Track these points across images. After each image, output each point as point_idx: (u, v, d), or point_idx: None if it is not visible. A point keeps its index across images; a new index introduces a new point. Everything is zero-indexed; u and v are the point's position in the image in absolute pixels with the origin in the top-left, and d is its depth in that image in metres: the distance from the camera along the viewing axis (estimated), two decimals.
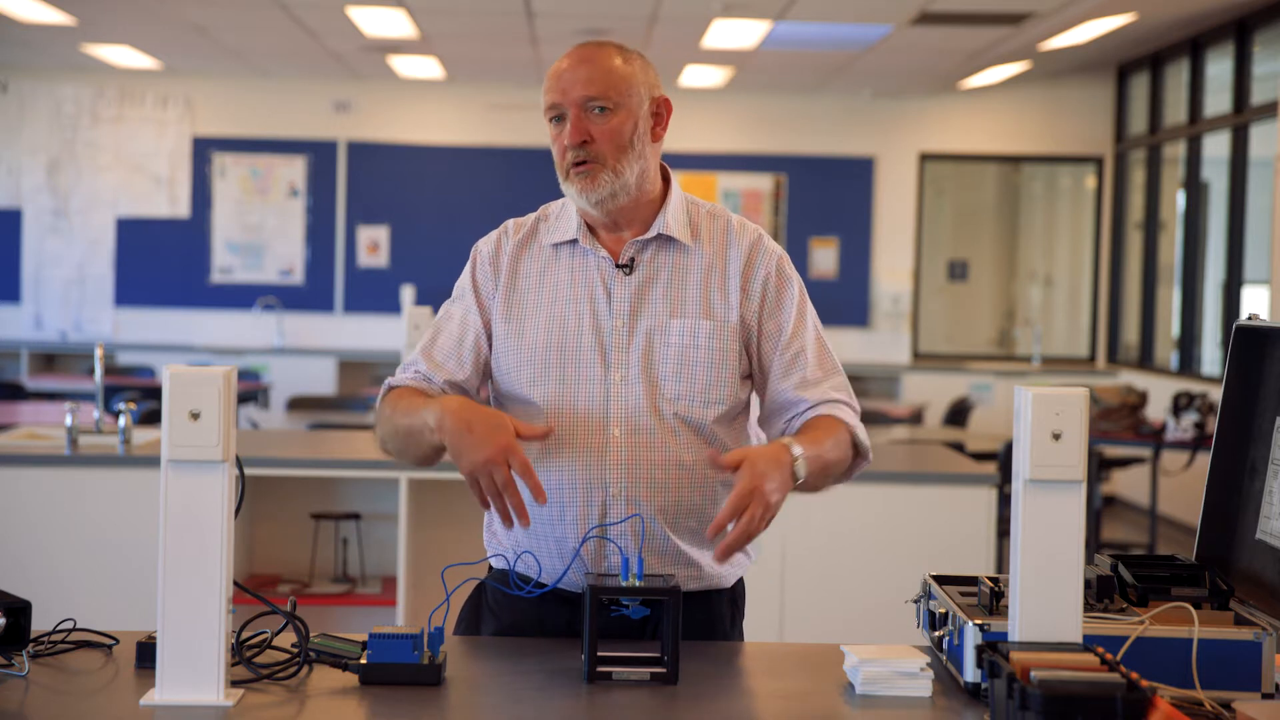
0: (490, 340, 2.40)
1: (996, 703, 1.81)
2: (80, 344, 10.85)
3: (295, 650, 2.08)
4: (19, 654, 2.06)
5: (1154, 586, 2.16)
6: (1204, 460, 4.35)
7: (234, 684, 1.99)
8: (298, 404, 7.85)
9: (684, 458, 2.33)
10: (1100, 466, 7.75)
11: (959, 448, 6.17)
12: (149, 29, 9.38)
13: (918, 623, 2.29)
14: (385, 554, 5.21)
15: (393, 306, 10.98)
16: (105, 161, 11.13)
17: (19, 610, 2.05)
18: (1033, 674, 1.76)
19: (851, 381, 2.44)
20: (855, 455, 2.36)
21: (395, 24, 8.81)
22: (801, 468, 2.19)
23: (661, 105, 2.38)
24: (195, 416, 1.91)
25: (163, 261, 11.16)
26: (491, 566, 2.44)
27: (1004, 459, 6.18)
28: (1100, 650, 1.87)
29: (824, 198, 11.28)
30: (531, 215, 2.46)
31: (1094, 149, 11.26)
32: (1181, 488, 8.30)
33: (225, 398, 1.92)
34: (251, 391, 8.99)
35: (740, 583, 2.47)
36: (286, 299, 11.18)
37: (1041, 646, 1.90)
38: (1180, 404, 7.24)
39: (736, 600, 2.45)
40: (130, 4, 8.53)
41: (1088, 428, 1.95)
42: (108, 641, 2.18)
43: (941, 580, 2.26)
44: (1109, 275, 11.23)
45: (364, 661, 2.04)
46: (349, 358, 10.80)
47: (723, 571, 2.40)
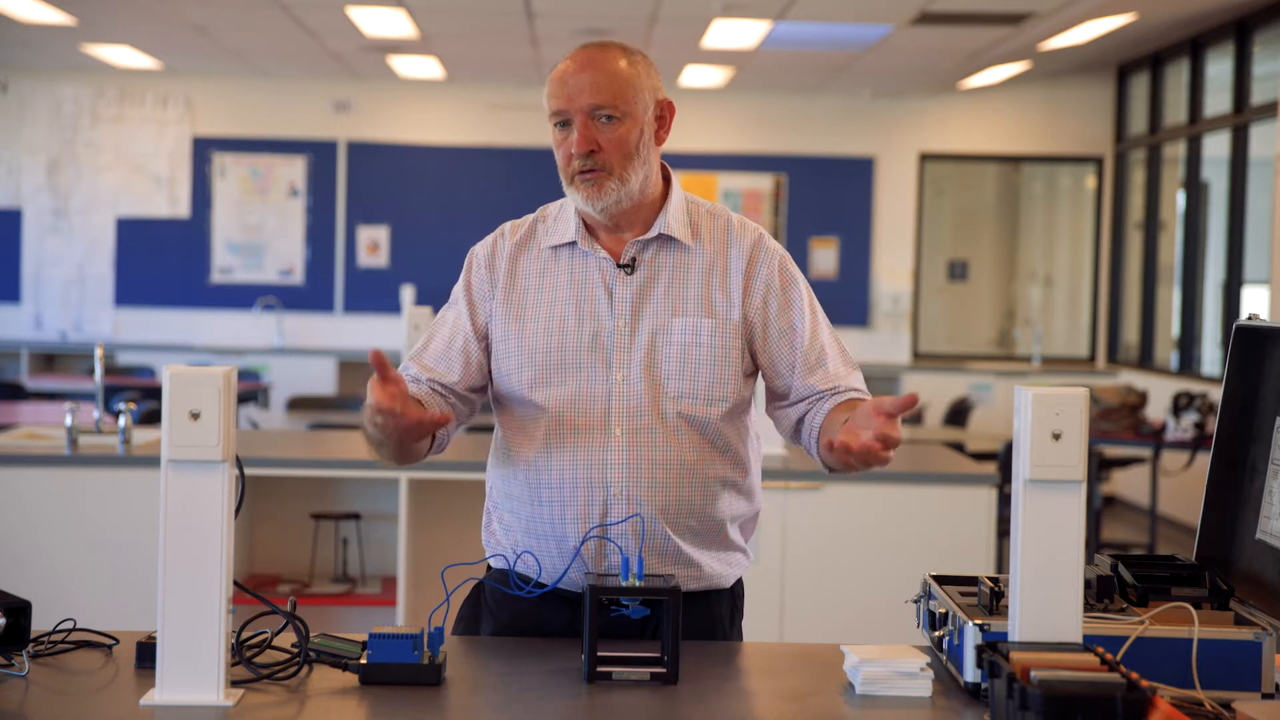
0: (484, 344, 2.40)
1: (996, 703, 1.81)
2: (80, 344, 10.85)
3: (295, 650, 2.08)
4: (19, 654, 2.06)
5: (1154, 586, 2.16)
6: (1204, 460, 4.35)
7: (234, 684, 1.99)
8: (298, 404, 7.85)
9: (685, 457, 2.33)
10: (1100, 466, 7.75)
11: (959, 448, 6.17)
12: (149, 29, 9.37)
13: (918, 623, 2.29)
14: (385, 554, 5.21)
15: (393, 306, 10.98)
16: (105, 161, 11.13)
17: (19, 610, 2.05)
18: (1033, 674, 1.76)
19: None
20: None
21: (395, 24, 8.81)
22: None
23: (665, 108, 2.38)
24: (195, 416, 1.91)
25: (163, 261, 11.16)
26: (490, 566, 2.44)
27: (1004, 459, 6.18)
28: (1100, 650, 1.87)
29: (824, 198, 11.28)
30: (529, 217, 2.46)
31: (1094, 149, 11.26)
32: (1181, 488, 8.30)
33: (225, 398, 1.92)
34: (251, 391, 8.99)
35: (739, 582, 2.47)
36: (286, 299, 11.18)
37: (1041, 646, 1.90)
38: (1180, 404, 7.24)
39: (736, 600, 2.46)
40: (130, 4, 8.53)
41: (1088, 428, 1.95)
42: (108, 641, 2.18)
43: (941, 580, 2.27)
44: (1109, 275, 11.23)
45: (364, 661, 2.04)
46: (349, 358, 10.79)
47: (722, 571, 2.40)
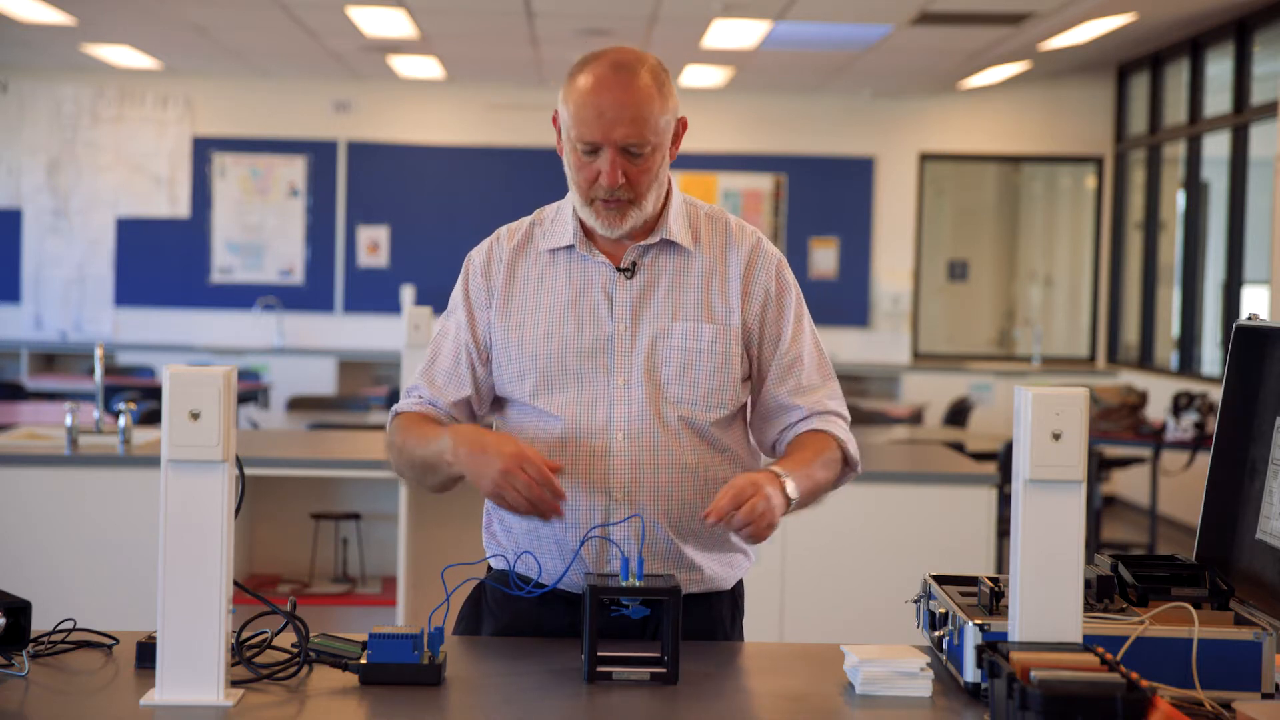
0: (484, 355, 2.39)
1: (996, 703, 1.81)
2: (80, 344, 10.85)
3: (295, 650, 2.08)
4: (19, 654, 2.06)
5: (1154, 586, 2.16)
6: (1204, 460, 4.35)
7: (234, 684, 1.99)
8: (298, 404, 7.86)
9: (687, 461, 2.33)
10: (1100, 466, 7.75)
11: (959, 448, 6.17)
12: (149, 29, 9.38)
13: (918, 623, 2.29)
14: (385, 554, 5.21)
15: (393, 306, 10.98)
16: (105, 161, 11.13)
17: (19, 610, 2.05)
18: (1033, 674, 1.76)
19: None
20: (844, 466, 2.40)
21: (395, 24, 8.81)
22: (793, 489, 2.22)
23: (681, 125, 2.37)
24: (195, 416, 1.91)
25: (163, 261, 11.16)
26: (490, 567, 2.44)
27: (1004, 459, 6.18)
28: (1100, 650, 1.87)
29: (824, 198, 11.28)
30: (525, 220, 2.44)
31: (1094, 149, 11.26)
32: (1181, 488, 8.30)
33: (225, 398, 1.92)
34: (251, 391, 8.99)
35: (740, 583, 2.47)
36: (286, 299, 11.18)
37: (1041, 646, 1.90)
38: (1180, 404, 7.24)
39: (737, 600, 2.46)
40: (130, 4, 8.53)
41: (1088, 428, 1.95)
42: (108, 641, 2.18)
43: (941, 580, 2.26)
44: (1109, 275, 11.23)
45: (364, 661, 2.04)
46: (349, 358, 10.80)
47: (724, 574, 2.40)
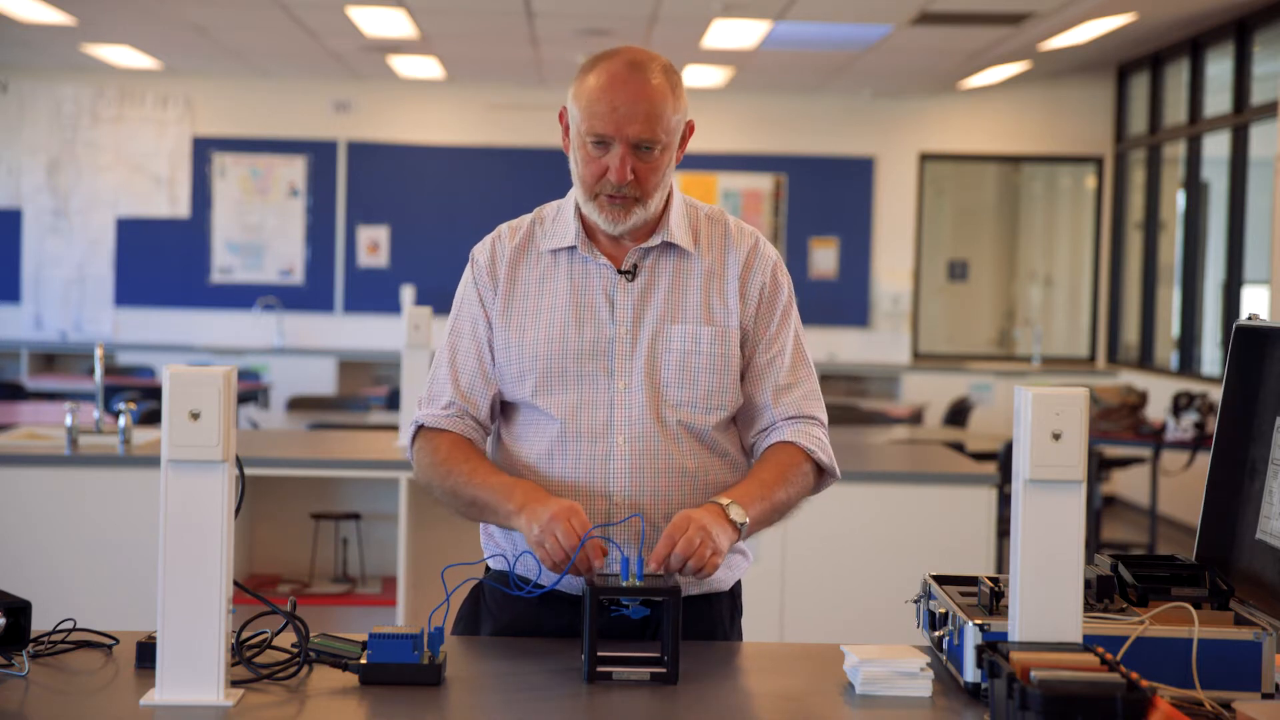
0: (492, 353, 2.39)
1: (996, 703, 1.81)
2: (80, 344, 10.85)
3: (295, 650, 2.07)
4: (19, 654, 2.06)
5: (1154, 586, 2.16)
6: (1204, 460, 4.35)
7: (234, 684, 1.99)
8: (298, 404, 7.86)
9: (686, 465, 2.33)
10: (1100, 466, 7.75)
11: (959, 448, 6.17)
12: (149, 29, 9.38)
13: (918, 623, 2.29)
14: (385, 554, 5.21)
15: (393, 306, 10.98)
16: (105, 161, 11.13)
17: (19, 610, 2.05)
18: (1033, 674, 1.76)
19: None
20: (819, 475, 2.39)
21: (395, 24, 8.81)
22: (739, 514, 2.22)
23: (689, 129, 2.37)
24: (195, 416, 1.91)
25: (163, 261, 11.17)
26: (489, 567, 2.44)
27: (1004, 459, 6.18)
28: (1100, 650, 1.87)
29: (824, 198, 11.28)
30: (526, 218, 2.44)
31: (1094, 149, 11.26)
32: (1181, 488, 8.30)
33: (225, 398, 1.92)
34: (251, 391, 8.99)
35: (738, 583, 2.47)
36: (286, 299, 11.18)
37: (1041, 646, 1.90)
38: (1180, 404, 7.24)
39: (735, 600, 2.46)
40: (130, 4, 8.53)
41: (1088, 428, 1.95)
42: (108, 641, 2.18)
43: (941, 580, 2.26)
44: (1109, 275, 11.23)
45: (364, 661, 2.04)
46: (349, 358, 10.80)
47: (722, 575, 2.39)
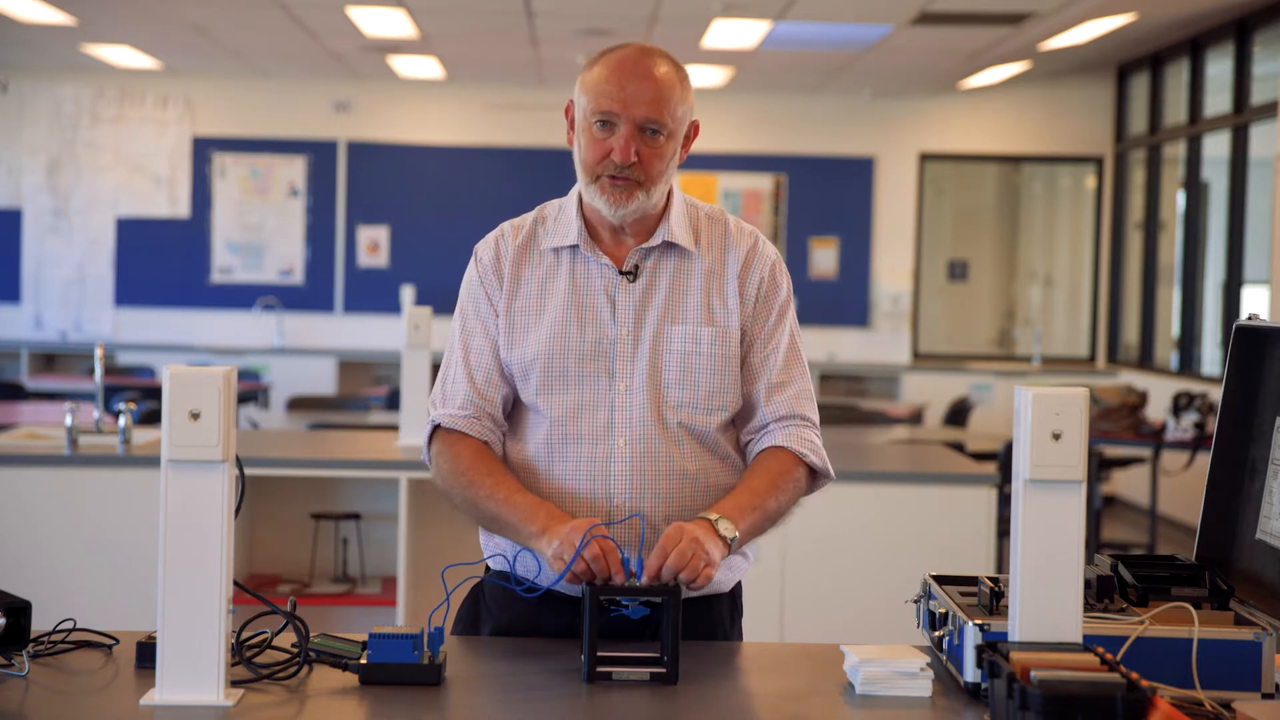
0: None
1: (996, 703, 1.81)
2: (80, 344, 10.85)
3: (295, 650, 2.07)
4: (19, 654, 2.06)
5: (1154, 586, 2.16)
6: (1204, 460, 4.35)
7: (234, 684, 1.99)
8: (298, 404, 7.85)
9: (687, 467, 2.33)
10: (1100, 466, 7.75)
11: (959, 448, 6.17)
12: (149, 29, 9.38)
13: (918, 623, 2.29)
14: (385, 554, 5.21)
15: (393, 306, 10.98)
16: (105, 161, 11.13)
17: (19, 610, 2.05)
18: (1033, 674, 1.76)
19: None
20: (812, 478, 2.39)
21: (395, 24, 8.81)
22: (728, 528, 2.21)
23: (694, 129, 2.38)
24: (195, 416, 1.91)
25: (163, 261, 11.17)
26: (489, 567, 2.43)
27: (1004, 459, 6.18)
28: (1100, 650, 1.87)
29: (824, 198, 11.28)
30: (528, 217, 2.44)
31: (1094, 149, 11.26)
32: (1181, 488, 8.30)
33: (225, 398, 1.92)
34: (251, 391, 8.99)
35: (738, 584, 2.47)
36: (286, 299, 11.18)
37: (1041, 646, 1.90)
38: (1180, 404, 7.24)
39: (736, 601, 2.46)
40: (130, 4, 8.53)
41: (1088, 428, 1.95)
42: (108, 641, 2.18)
43: (941, 580, 2.26)
44: (1109, 275, 11.23)
45: (364, 661, 2.04)
46: (349, 358, 10.80)
47: (723, 577, 2.39)
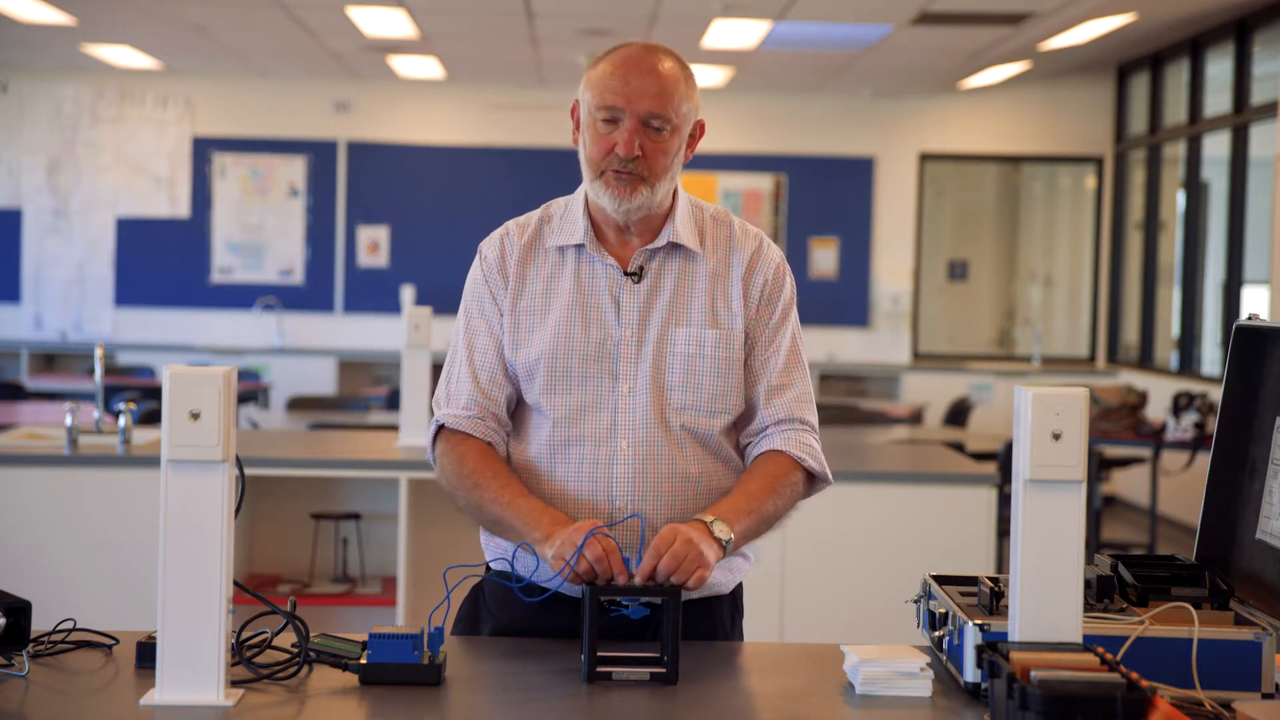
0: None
1: (996, 703, 1.81)
2: (80, 344, 10.85)
3: (295, 650, 2.07)
4: (19, 654, 2.06)
5: (1154, 586, 2.16)
6: (1204, 460, 4.35)
7: (234, 684, 1.99)
8: (298, 404, 7.85)
9: (690, 470, 2.33)
10: (1100, 466, 7.75)
11: (959, 448, 6.17)
12: (149, 29, 9.38)
13: (918, 623, 2.29)
14: (385, 554, 5.21)
15: (393, 306, 10.98)
16: (105, 161, 11.13)
17: (19, 610, 2.05)
18: (1033, 674, 1.76)
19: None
20: (810, 481, 2.39)
21: (395, 24, 8.81)
22: (723, 531, 2.21)
23: (699, 128, 2.38)
24: (195, 416, 1.91)
25: (163, 261, 11.17)
26: (490, 567, 2.43)
27: (1004, 459, 6.18)
28: (1100, 650, 1.87)
29: (824, 198, 11.28)
30: (534, 215, 2.43)
31: (1094, 149, 11.26)
32: (1181, 488, 8.30)
33: (225, 398, 1.92)
34: (251, 391, 8.99)
35: (739, 585, 2.47)
36: (286, 299, 11.18)
37: (1041, 646, 1.90)
38: (1180, 404, 7.24)
39: (737, 602, 2.45)
40: (130, 4, 8.53)
41: (1088, 428, 1.95)
42: (108, 641, 2.18)
43: (941, 580, 2.26)
44: (1109, 275, 11.23)
45: (364, 661, 2.04)
46: (349, 358, 10.80)
47: (724, 579, 2.39)
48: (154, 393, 7.94)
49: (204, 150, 11.15)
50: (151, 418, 6.59)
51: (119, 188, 11.14)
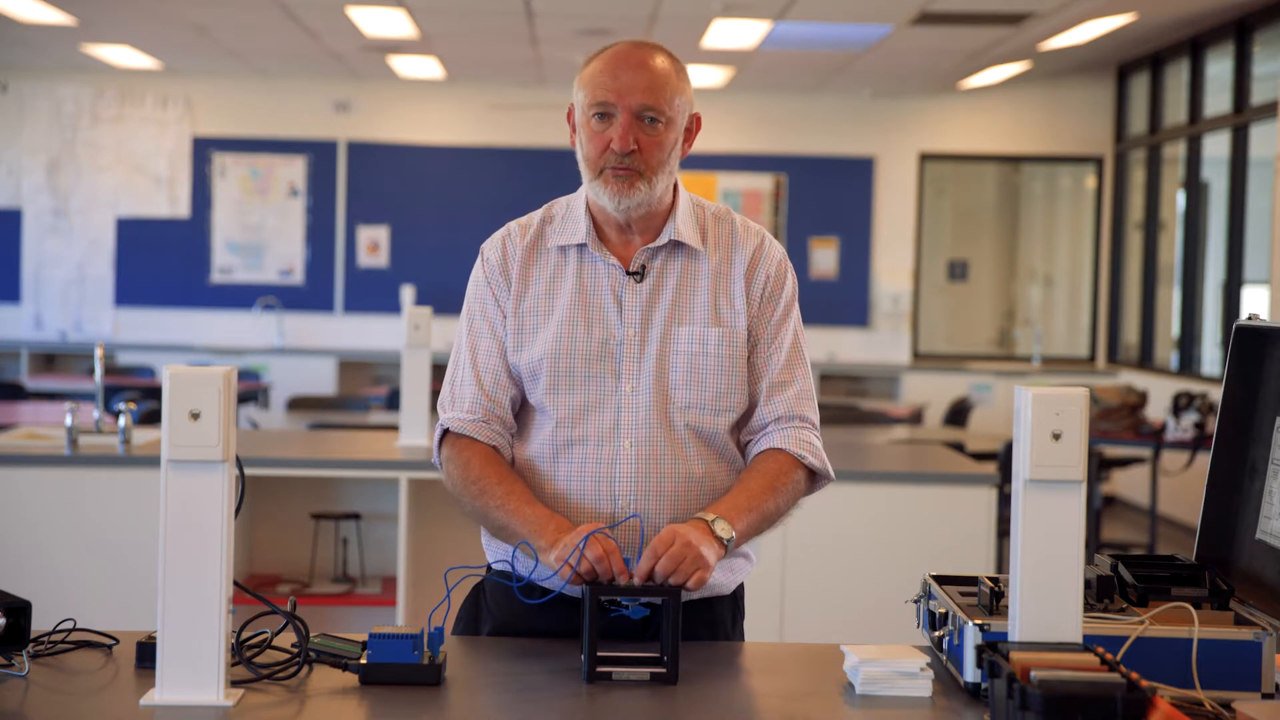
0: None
1: (996, 703, 1.81)
2: (80, 344, 10.85)
3: (295, 650, 2.08)
4: (19, 654, 2.06)
5: (1154, 586, 2.16)
6: (1204, 460, 4.35)
7: (234, 684, 1.99)
8: (298, 404, 7.85)
9: (694, 470, 2.33)
10: (1100, 466, 7.75)
11: (959, 448, 6.17)
12: (149, 29, 9.38)
13: (918, 623, 2.29)
14: (385, 554, 5.21)
15: (393, 306, 10.98)
16: (105, 161, 11.13)
17: (19, 610, 2.05)
18: (1033, 674, 1.76)
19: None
20: (811, 479, 2.39)
21: (395, 24, 8.81)
22: (724, 529, 2.21)
23: (695, 121, 2.38)
24: (195, 416, 1.91)
25: (163, 261, 11.16)
26: (491, 567, 2.43)
27: (1004, 459, 6.18)
28: (1100, 650, 1.87)
29: (824, 198, 11.28)
30: (535, 215, 2.43)
31: (1094, 149, 11.26)
32: (1181, 488, 8.30)
33: (225, 398, 1.92)
34: (251, 391, 8.99)
35: (740, 586, 2.47)
36: (286, 299, 11.18)
37: (1041, 646, 1.90)
38: (1180, 404, 7.24)
39: (738, 602, 2.45)
40: (130, 4, 8.53)
41: (1088, 428, 1.95)
42: (108, 641, 2.18)
43: (941, 580, 2.26)
44: (1109, 275, 11.23)
45: (364, 661, 2.04)
46: (349, 358, 10.80)
47: (725, 579, 2.39)
48: (154, 393, 7.94)
49: (204, 150, 11.15)
50: (151, 418, 6.59)
51: (119, 188, 11.14)
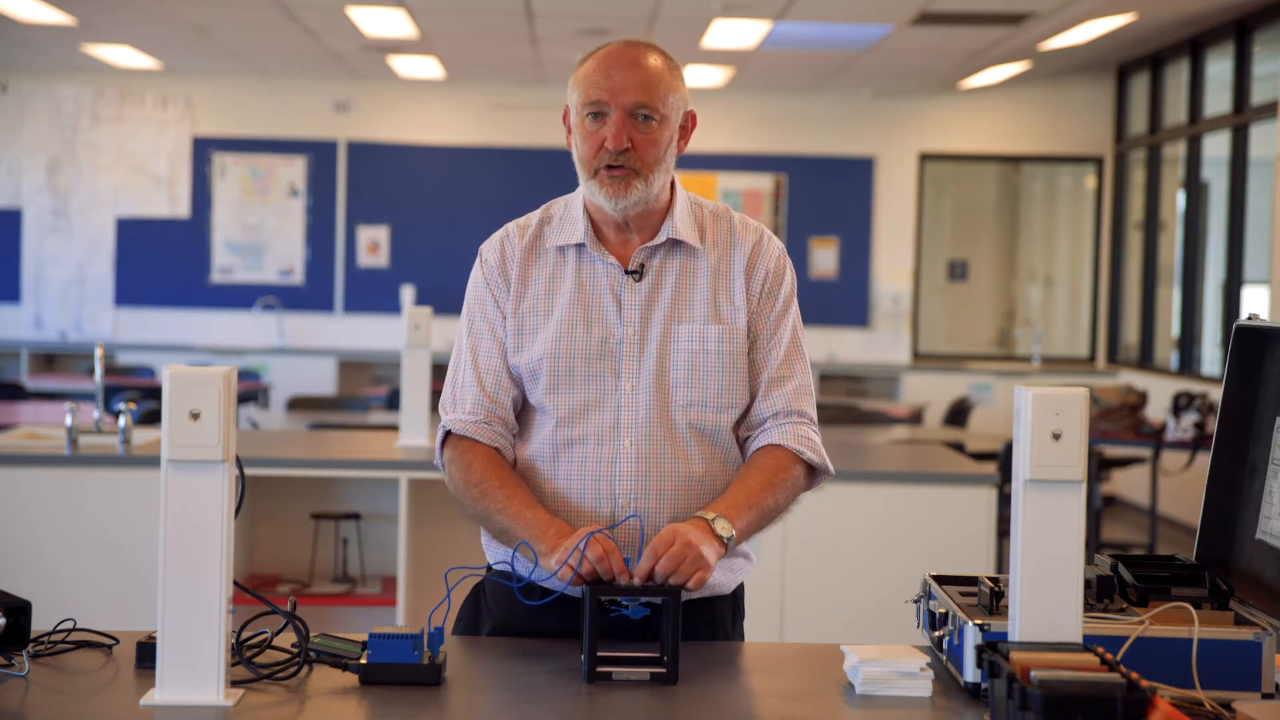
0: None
1: (996, 703, 1.81)
2: (80, 344, 10.85)
3: (295, 650, 2.08)
4: (19, 654, 2.06)
5: (1154, 586, 2.16)
6: (1204, 460, 4.35)
7: (234, 684, 1.99)
8: (298, 404, 7.85)
9: (694, 470, 2.33)
10: (1100, 466, 7.75)
11: (959, 448, 6.17)
12: (149, 29, 9.38)
13: (918, 623, 2.29)
14: (385, 554, 5.21)
15: (393, 306, 10.98)
16: (105, 161, 11.13)
17: (19, 610, 2.05)
18: (1033, 674, 1.76)
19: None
20: (810, 475, 2.38)
21: (395, 24, 8.81)
22: (725, 527, 2.21)
23: (690, 119, 2.38)
24: (195, 416, 1.91)
25: (163, 261, 11.17)
26: (491, 567, 2.43)
27: (1004, 459, 6.18)
28: (1100, 650, 1.87)
29: (824, 198, 11.28)
30: (534, 215, 2.43)
31: (1094, 149, 11.26)
32: (1181, 488, 8.30)
33: (225, 398, 1.92)
34: (251, 391, 8.99)
35: (740, 585, 2.46)
36: (286, 299, 11.18)
37: (1041, 646, 1.90)
38: (1180, 404, 7.24)
39: (738, 602, 2.45)
40: (130, 4, 8.53)
41: (1088, 428, 1.95)
42: (108, 641, 2.18)
43: (941, 580, 2.26)
44: (1109, 275, 11.23)
45: (364, 661, 2.04)
46: (349, 358, 10.80)
47: (726, 579, 2.39)
48: (154, 393, 7.94)
49: (204, 150, 11.15)
50: (151, 418, 6.59)
51: (119, 188, 11.14)
